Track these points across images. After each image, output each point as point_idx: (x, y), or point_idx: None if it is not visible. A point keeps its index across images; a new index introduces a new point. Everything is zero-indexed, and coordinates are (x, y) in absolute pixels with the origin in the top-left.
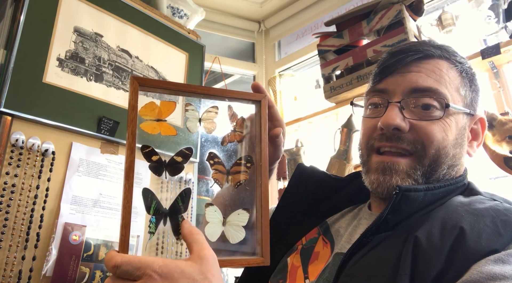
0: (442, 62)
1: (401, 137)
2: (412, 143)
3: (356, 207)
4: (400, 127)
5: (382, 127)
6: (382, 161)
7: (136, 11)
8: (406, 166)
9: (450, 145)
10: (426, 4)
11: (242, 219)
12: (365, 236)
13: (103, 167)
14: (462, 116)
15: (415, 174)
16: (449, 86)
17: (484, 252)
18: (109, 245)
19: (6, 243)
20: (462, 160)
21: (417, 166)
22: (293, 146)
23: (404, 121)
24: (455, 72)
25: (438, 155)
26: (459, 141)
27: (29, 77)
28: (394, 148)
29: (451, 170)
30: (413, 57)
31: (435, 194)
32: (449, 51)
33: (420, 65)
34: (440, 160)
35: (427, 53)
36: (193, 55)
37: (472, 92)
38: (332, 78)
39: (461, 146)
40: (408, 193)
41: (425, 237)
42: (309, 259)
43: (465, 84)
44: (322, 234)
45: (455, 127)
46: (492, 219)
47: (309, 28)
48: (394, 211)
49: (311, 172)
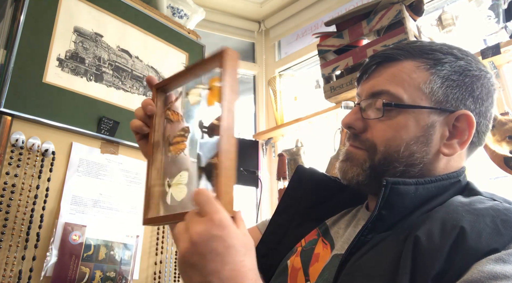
0: (407, 63)
1: (358, 136)
2: (364, 142)
3: (354, 208)
4: (352, 125)
5: (342, 126)
6: (346, 150)
7: (136, 11)
8: (360, 158)
9: (404, 143)
10: (426, 4)
11: (183, 178)
12: (362, 234)
13: (103, 167)
14: (427, 113)
15: (364, 165)
16: (406, 85)
17: (484, 252)
18: (109, 245)
19: (6, 243)
20: (429, 158)
21: (367, 159)
22: (293, 146)
23: (360, 120)
24: (421, 70)
25: (388, 152)
26: (421, 139)
27: (29, 77)
28: (351, 145)
29: (413, 168)
30: (375, 63)
31: (427, 189)
32: (423, 49)
33: (383, 69)
34: (390, 158)
35: (391, 57)
36: (193, 55)
37: (449, 87)
38: (332, 78)
39: (426, 144)
40: (397, 186)
41: (425, 237)
42: (309, 261)
43: (433, 80)
44: (321, 235)
45: (414, 125)
46: (492, 219)
47: (309, 28)
48: (386, 205)
49: (310, 174)
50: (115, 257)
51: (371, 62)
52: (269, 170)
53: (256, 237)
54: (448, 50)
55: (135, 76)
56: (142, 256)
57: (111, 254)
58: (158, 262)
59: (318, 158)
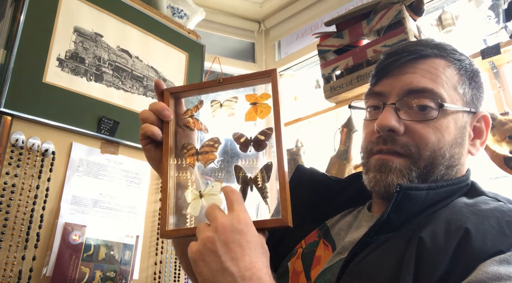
0: (439, 61)
1: (395, 140)
2: (406, 146)
3: (355, 209)
4: (394, 128)
5: (378, 129)
6: (379, 158)
7: (136, 11)
8: (401, 166)
9: (447, 145)
10: (426, 4)
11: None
12: (368, 236)
13: (103, 167)
14: (462, 114)
15: (410, 175)
16: (445, 85)
17: (489, 253)
18: (109, 245)
19: (6, 243)
20: (462, 159)
21: (412, 167)
22: (293, 146)
23: (399, 122)
24: (452, 70)
25: (434, 157)
26: (459, 140)
27: (29, 77)
28: (389, 150)
29: (450, 170)
30: (407, 58)
31: (437, 194)
32: (446, 49)
33: (415, 65)
34: (436, 162)
35: (422, 53)
36: (193, 55)
37: (473, 89)
38: (332, 78)
39: (461, 145)
40: (410, 191)
41: (429, 238)
42: (311, 264)
43: (463, 81)
44: (322, 237)
45: (453, 126)
46: (497, 220)
47: (309, 28)
48: (397, 210)
49: (311, 174)
50: (115, 257)
51: (399, 57)
52: None
53: None
54: (459, 51)
55: (135, 76)
56: (142, 256)
57: (111, 254)
58: (158, 262)
59: (318, 158)
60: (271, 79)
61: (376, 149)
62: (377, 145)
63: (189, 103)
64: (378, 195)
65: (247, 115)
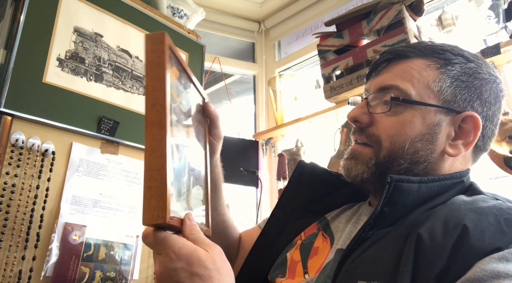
0: (417, 60)
1: (363, 130)
2: (370, 136)
3: (356, 204)
4: (358, 119)
5: (348, 120)
6: (351, 148)
7: (136, 11)
8: (366, 155)
9: (410, 140)
10: (426, 4)
11: (200, 193)
12: (363, 230)
13: (103, 167)
14: (434, 112)
15: (369, 163)
16: (415, 81)
17: (487, 250)
18: (109, 245)
19: (6, 243)
20: (433, 157)
21: (372, 157)
22: (293, 146)
23: (366, 115)
24: (432, 69)
25: (393, 149)
26: (427, 137)
27: (29, 77)
28: (358, 139)
29: (416, 166)
30: (391, 60)
31: (430, 188)
32: (434, 49)
33: (393, 66)
34: (395, 154)
35: (402, 54)
36: (193, 55)
37: (459, 88)
38: (332, 78)
39: (431, 142)
40: (401, 183)
41: (427, 235)
42: (308, 254)
43: (443, 80)
44: (321, 229)
45: (420, 122)
46: (495, 218)
47: (309, 28)
48: (389, 203)
49: (311, 168)
50: (115, 257)
51: (381, 59)
52: (269, 170)
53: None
54: (459, 52)
55: (135, 76)
56: (142, 256)
57: (111, 254)
58: None
59: (318, 158)
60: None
61: (353, 139)
62: (353, 134)
63: None
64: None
65: None
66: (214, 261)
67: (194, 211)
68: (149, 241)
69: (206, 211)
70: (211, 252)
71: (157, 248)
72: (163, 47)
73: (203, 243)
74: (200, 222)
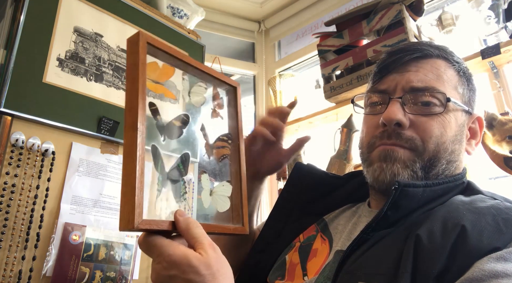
0: (440, 61)
1: (400, 134)
2: (411, 139)
3: (354, 205)
4: (401, 122)
5: (385, 122)
6: (384, 149)
7: (136, 11)
8: (405, 157)
9: (449, 140)
10: (426, 4)
11: (227, 190)
12: (365, 232)
13: (103, 167)
14: (461, 113)
15: (414, 166)
16: (447, 84)
17: (486, 250)
18: (109, 245)
19: (6, 243)
20: (461, 156)
21: (416, 159)
22: None
23: (405, 116)
24: (452, 71)
25: (437, 150)
26: (458, 137)
27: (29, 77)
28: (393, 144)
29: (450, 165)
30: (411, 56)
31: (434, 191)
32: (446, 51)
33: (418, 64)
34: (439, 155)
35: (425, 52)
36: (193, 55)
37: (470, 91)
38: (332, 78)
39: (460, 143)
40: (407, 188)
41: (426, 235)
42: (307, 256)
43: (462, 82)
44: (320, 231)
45: (454, 123)
46: (493, 217)
47: (309, 28)
48: (394, 206)
49: (309, 170)
50: (115, 257)
51: (403, 55)
52: None
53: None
54: (456, 54)
55: None
56: (142, 256)
57: (111, 254)
58: None
59: (318, 158)
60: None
61: (379, 143)
62: (380, 140)
63: None
64: (380, 187)
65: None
66: (209, 265)
67: (219, 209)
68: (143, 248)
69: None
70: (206, 255)
71: (150, 255)
72: (137, 48)
73: (201, 243)
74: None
